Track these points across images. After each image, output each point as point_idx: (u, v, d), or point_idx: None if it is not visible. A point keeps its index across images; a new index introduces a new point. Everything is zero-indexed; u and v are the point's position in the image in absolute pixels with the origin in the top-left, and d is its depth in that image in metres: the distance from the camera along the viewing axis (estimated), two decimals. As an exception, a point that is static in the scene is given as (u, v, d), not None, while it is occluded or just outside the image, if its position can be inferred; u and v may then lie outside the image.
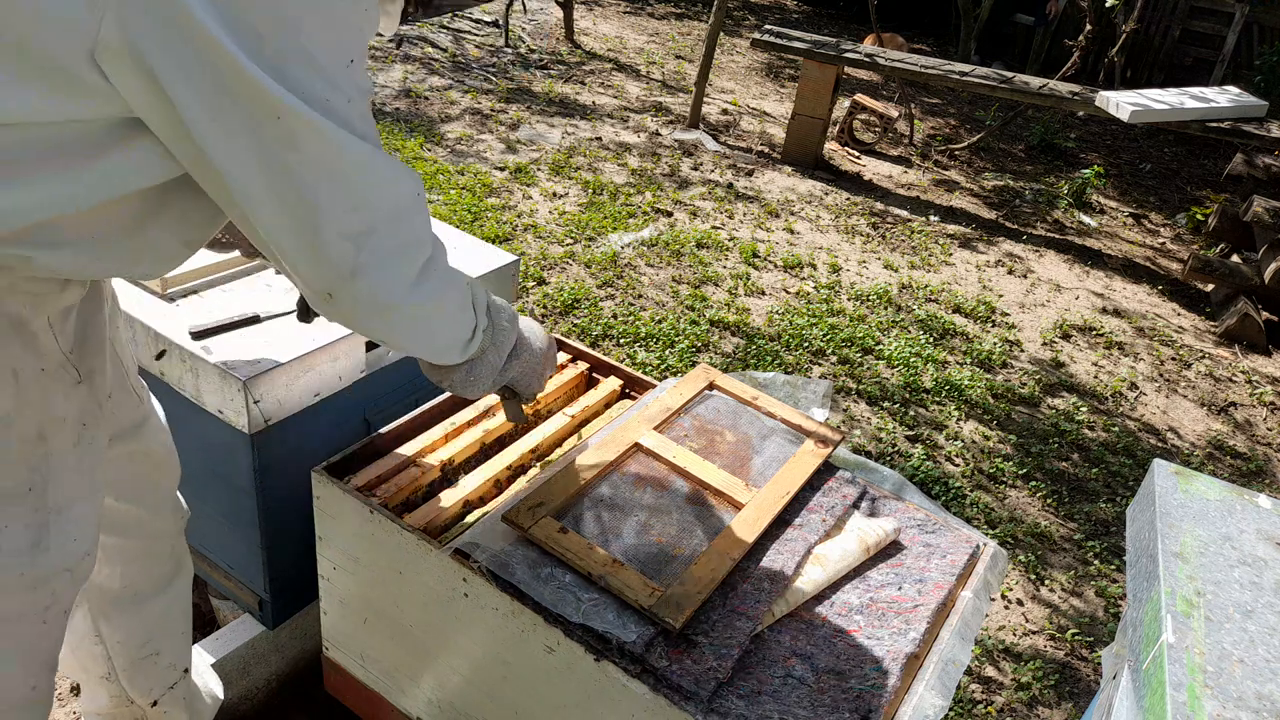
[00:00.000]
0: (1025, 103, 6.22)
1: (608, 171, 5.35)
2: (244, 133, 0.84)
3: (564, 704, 1.33)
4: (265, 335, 1.59)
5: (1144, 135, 8.10)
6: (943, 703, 1.28)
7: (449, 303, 1.14)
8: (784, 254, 4.68)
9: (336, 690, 1.76)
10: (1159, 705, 0.98)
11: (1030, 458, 3.41)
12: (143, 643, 1.52)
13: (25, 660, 1.14)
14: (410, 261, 1.03)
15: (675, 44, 8.51)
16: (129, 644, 1.52)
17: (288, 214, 0.91)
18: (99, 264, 0.99)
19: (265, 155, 0.86)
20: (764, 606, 1.34)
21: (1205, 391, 4.13)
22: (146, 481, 1.41)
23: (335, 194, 0.91)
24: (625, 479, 1.54)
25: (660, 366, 3.51)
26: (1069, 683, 2.48)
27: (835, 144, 6.46)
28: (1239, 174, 5.21)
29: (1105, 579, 2.87)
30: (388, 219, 0.97)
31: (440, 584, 1.39)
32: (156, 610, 1.52)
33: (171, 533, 1.51)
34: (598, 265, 4.21)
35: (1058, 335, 4.39)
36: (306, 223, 0.92)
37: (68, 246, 0.94)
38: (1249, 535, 1.25)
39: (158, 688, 1.58)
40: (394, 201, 0.98)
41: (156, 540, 1.48)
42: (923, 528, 1.57)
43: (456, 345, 1.20)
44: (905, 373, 3.77)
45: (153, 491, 1.43)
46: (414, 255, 1.03)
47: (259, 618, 1.86)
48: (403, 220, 1.00)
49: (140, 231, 0.98)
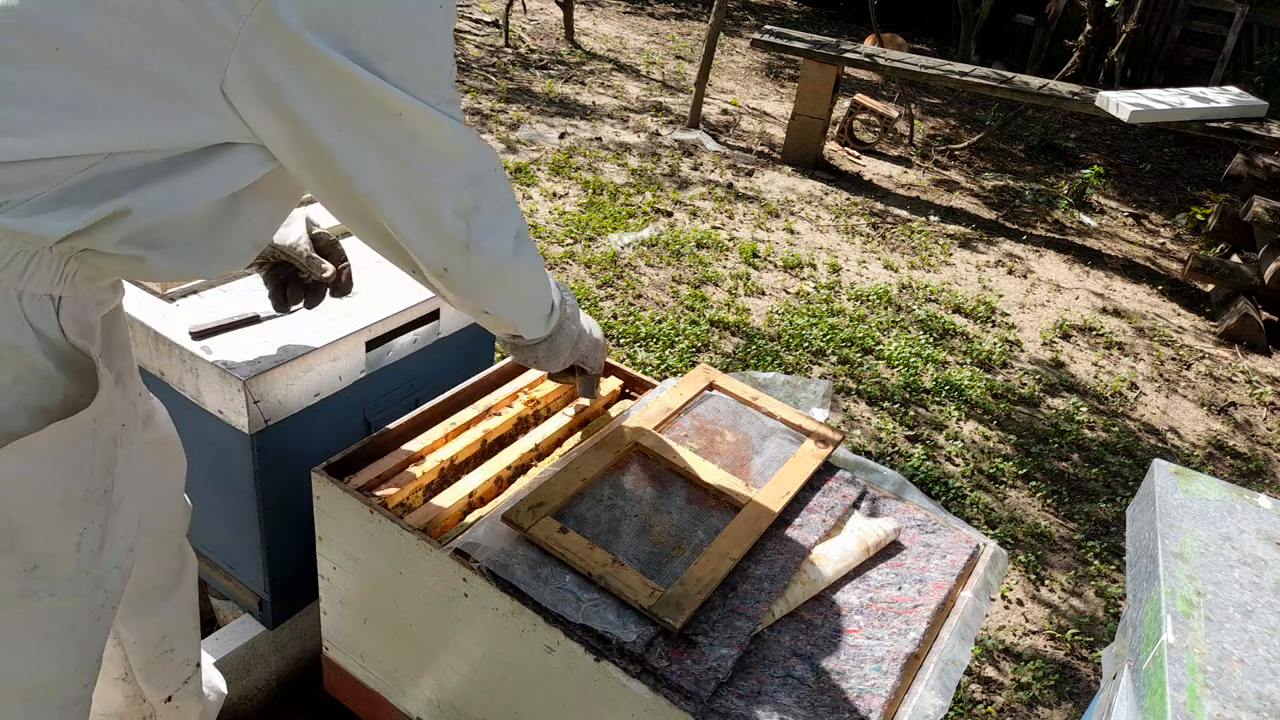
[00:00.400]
0: (1025, 103, 6.22)
1: (608, 171, 5.35)
2: (370, 136, 0.98)
3: (564, 704, 1.33)
4: (265, 335, 1.59)
5: (1144, 135, 8.10)
6: (943, 703, 1.28)
7: (539, 269, 1.27)
8: (784, 254, 4.68)
9: (336, 690, 1.76)
10: (1159, 705, 0.98)
11: (1030, 458, 3.41)
12: (158, 640, 1.53)
13: (82, 658, 1.16)
14: (508, 228, 1.17)
15: (675, 44, 8.52)
16: (145, 643, 1.52)
17: (408, 202, 1.05)
18: (189, 265, 1.08)
19: (389, 151, 1.00)
20: (764, 606, 1.35)
21: (1205, 391, 4.13)
22: (157, 476, 1.42)
23: (447, 176, 1.06)
24: (625, 479, 1.54)
25: (660, 366, 3.51)
26: (1069, 683, 2.48)
27: (835, 144, 6.46)
28: (1239, 174, 5.21)
29: (1105, 579, 2.87)
30: (487, 193, 1.12)
31: (440, 584, 1.39)
32: (170, 607, 1.53)
33: (179, 529, 1.51)
34: (598, 265, 4.21)
35: (1058, 335, 4.39)
36: (425, 206, 1.06)
37: (167, 248, 1.03)
38: (1249, 535, 1.25)
39: (173, 683, 1.59)
40: (489, 176, 1.11)
41: (166, 536, 1.48)
42: (923, 528, 1.57)
43: (543, 316, 1.35)
44: (905, 373, 3.78)
45: (163, 485, 1.44)
46: (510, 222, 1.17)
47: (259, 618, 1.86)
48: (497, 192, 1.14)
49: (219, 233, 1.07)
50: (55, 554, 1.06)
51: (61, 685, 1.15)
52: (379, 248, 1.16)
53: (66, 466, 1.03)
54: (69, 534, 1.07)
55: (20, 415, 0.99)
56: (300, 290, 1.52)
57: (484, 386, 1.74)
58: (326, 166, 1.00)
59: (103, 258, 1.01)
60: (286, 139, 0.98)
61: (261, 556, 1.71)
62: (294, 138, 0.98)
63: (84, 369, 1.04)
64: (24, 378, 0.99)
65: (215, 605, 2.07)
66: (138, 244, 1.00)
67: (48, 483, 1.02)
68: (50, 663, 1.12)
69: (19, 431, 0.98)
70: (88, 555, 1.10)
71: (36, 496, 1.02)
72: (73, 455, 1.03)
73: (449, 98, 1.03)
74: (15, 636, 1.07)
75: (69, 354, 1.03)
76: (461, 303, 1.24)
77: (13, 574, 1.04)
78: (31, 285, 0.97)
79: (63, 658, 1.13)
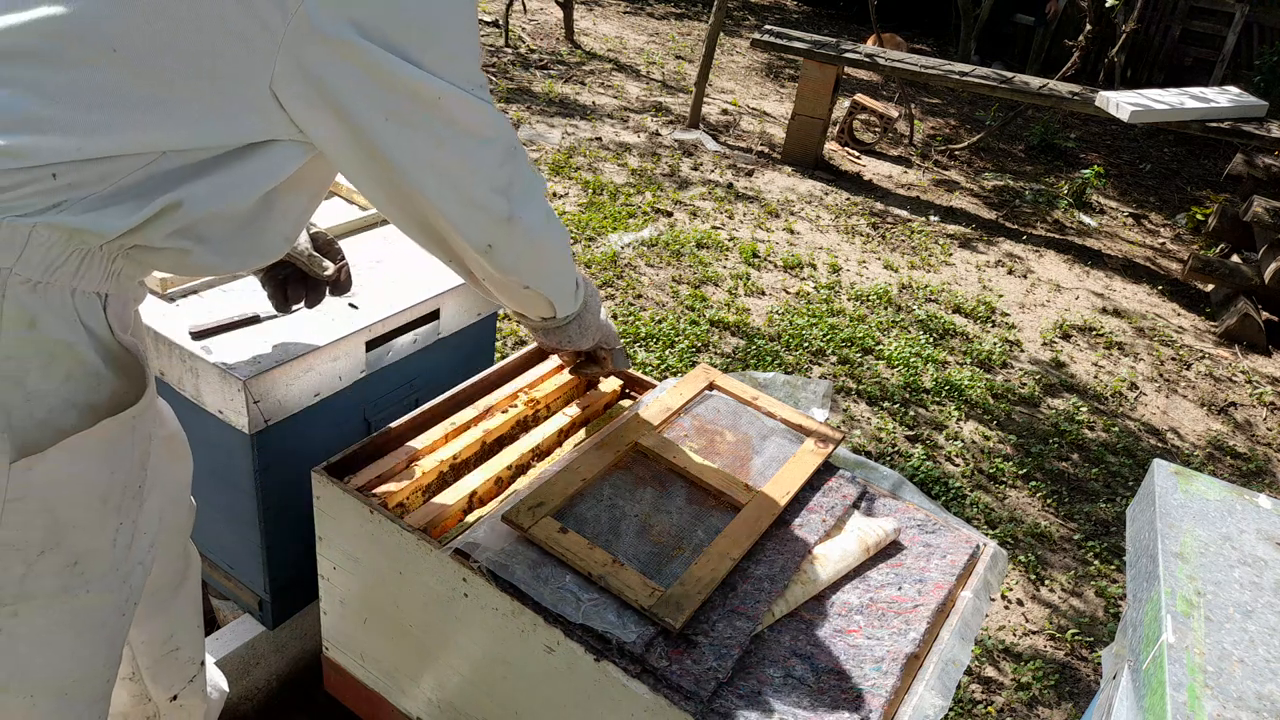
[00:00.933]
0: (1025, 103, 6.22)
1: (608, 171, 5.35)
2: (412, 124, 1.03)
3: (564, 704, 1.33)
4: (265, 335, 1.59)
5: (1144, 135, 8.10)
6: (943, 703, 1.28)
7: (566, 238, 1.32)
8: (784, 254, 4.68)
9: (336, 690, 1.76)
10: (1159, 705, 0.98)
11: (1030, 458, 3.41)
12: (165, 639, 1.54)
13: (109, 654, 1.18)
14: (539, 196, 1.23)
15: (675, 44, 8.52)
16: (153, 642, 1.53)
17: (451, 184, 1.11)
18: (229, 259, 1.11)
19: (431, 137, 1.05)
20: (764, 606, 1.35)
21: (1205, 391, 4.13)
22: (165, 471, 1.42)
23: (486, 155, 1.12)
24: (625, 479, 1.54)
25: (660, 366, 3.51)
26: (1069, 683, 2.48)
27: (835, 144, 6.46)
28: (1239, 174, 5.21)
29: (1105, 579, 2.87)
30: (518, 166, 1.17)
31: (440, 584, 1.39)
32: (176, 606, 1.53)
33: (184, 527, 1.52)
34: (598, 265, 4.21)
35: (1058, 335, 4.39)
36: (467, 185, 1.12)
37: (212, 241, 1.07)
38: (1249, 535, 1.25)
39: (178, 682, 1.59)
40: (516, 149, 1.16)
41: (173, 535, 1.49)
42: (923, 528, 1.57)
43: (572, 289, 1.41)
44: (905, 373, 3.78)
45: (171, 482, 1.44)
46: (538, 189, 1.23)
47: (259, 618, 1.86)
48: (524, 163, 1.19)
49: (255, 227, 1.11)
50: (95, 550, 1.08)
51: (93, 682, 1.16)
52: (425, 243, 1.22)
53: (111, 463, 1.05)
54: (107, 530, 1.08)
55: (70, 413, 1.01)
56: (301, 290, 1.52)
57: (484, 386, 1.74)
58: (375, 159, 1.05)
59: (151, 253, 1.03)
60: (334, 134, 1.02)
61: (261, 556, 1.71)
62: (341, 132, 1.02)
63: (128, 365, 1.06)
64: (75, 375, 1.00)
65: (215, 605, 2.07)
66: (187, 236, 1.03)
67: (94, 480, 1.04)
68: (85, 659, 1.13)
69: (68, 429, 1.00)
70: (121, 551, 1.12)
71: (84, 493, 1.03)
72: (118, 452, 1.05)
73: (479, 81, 1.08)
74: (55, 634, 1.08)
75: (116, 351, 1.04)
76: (505, 282, 1.29)
77: (57, 571, 1.05)
78: (83, 283, 0.98)
79: (95, 654, 1.14)
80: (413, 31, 0.99)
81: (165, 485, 1.41)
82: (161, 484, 1.39)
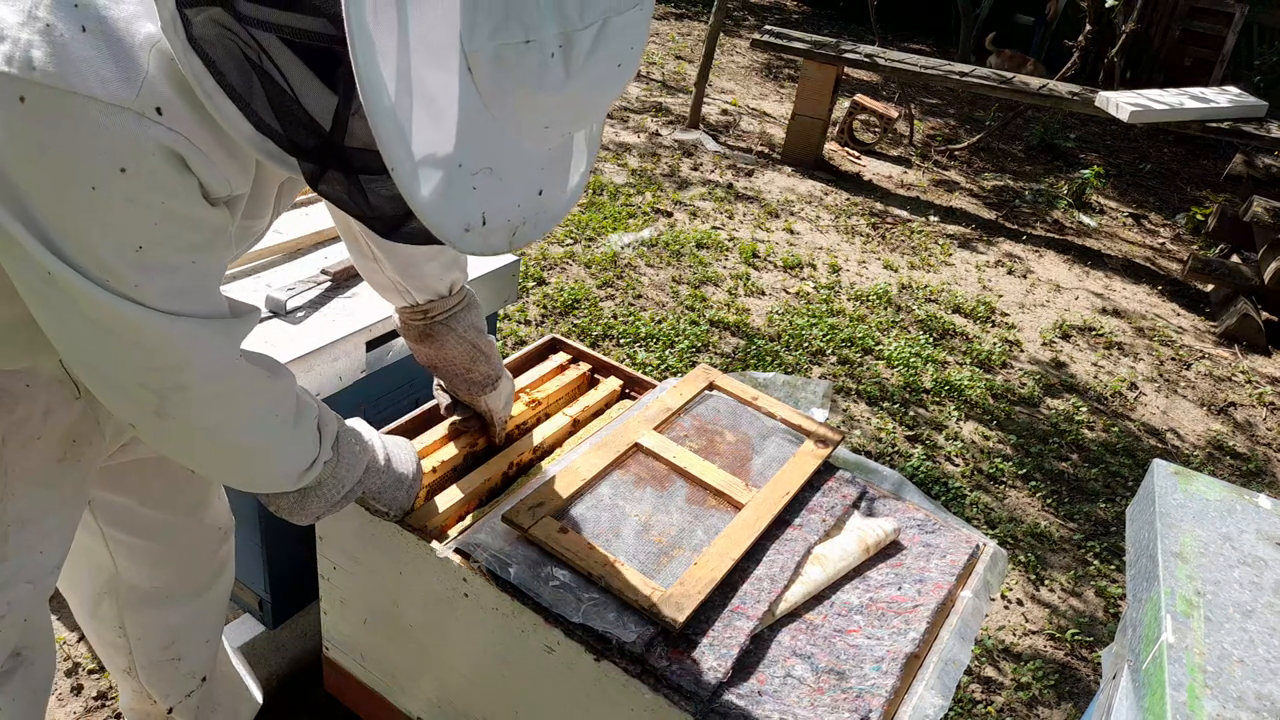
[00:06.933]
0: (1025, 103, 6.22)
1: (608, 171, 5.35)
2: (35, 289, 0.92)
3: (564, 704, 1.33)
4: (265, 335, 1.59)
5: (1144, 135, 8.10)
6: (943, 703, 1.28)
7: (282, 442, 1.15)
8: (784, 254, 4.68)
9: (336, 690, 1.76)
10: (1159, 705, 0.99)
11: (1030, 458, 3.41)
12: (165, 645, 1.54)
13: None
14: (233, 409, 1.06)
15: (675, 44, 8.52)
16: (150, 643, 1.53)
17: (82, 362, 0.98)
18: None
19: (55, 308, 0.93)
20: (764, 606, 1.35)
21: (1205, 391, 4.13)
22: (176, 488, 1.43)
23: (126, 353, 0.95)
24: (625, 479, 1.54)
25: (660, 367, 3.51)
26: (1069, 683, 2.48)
27: (835, 144, 6.46)
28: (1239, 174, 5.21)
29: (1105, 579, 2.87)
30: (203, 377, 1.00)
31: (440, 584, 1.39)
32: (183, 615, 1.53)
33: (210, 540, 1.52)
34: (598, 265, 4.21)
35: (1057, 335, 4.39)
36: (100, 370, 0.99)
37: None
38: (1249, 535, 1.25)
39: (174, 694, 1.59)
40: (210, 364, 1.00)
41: (192, 547, 1.49)
42: (922, 528, 1.57)
43: (291, 475, 1.19)
44: (905, 373, 3.78)
45: (183, 497, 1.44)
46: (240, 403, 1.06)
47: (259, 618, 1.86)
48: (222, 379, 1.02)
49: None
50: None
51: None
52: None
53: None
54: None
55: None
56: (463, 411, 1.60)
57: (484, 386, 1.74)
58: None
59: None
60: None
61: (262, 556, 1.71)
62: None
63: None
64: None
65: (215, 605, 2.07)
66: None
67: None
68: None
69: None
70: None
71: None
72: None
73: (132, 283, 0.90)
74: None
75: None
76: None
77: None
78: None
79: None
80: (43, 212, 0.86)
81: (174, 501, 1.42)
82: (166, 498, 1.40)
